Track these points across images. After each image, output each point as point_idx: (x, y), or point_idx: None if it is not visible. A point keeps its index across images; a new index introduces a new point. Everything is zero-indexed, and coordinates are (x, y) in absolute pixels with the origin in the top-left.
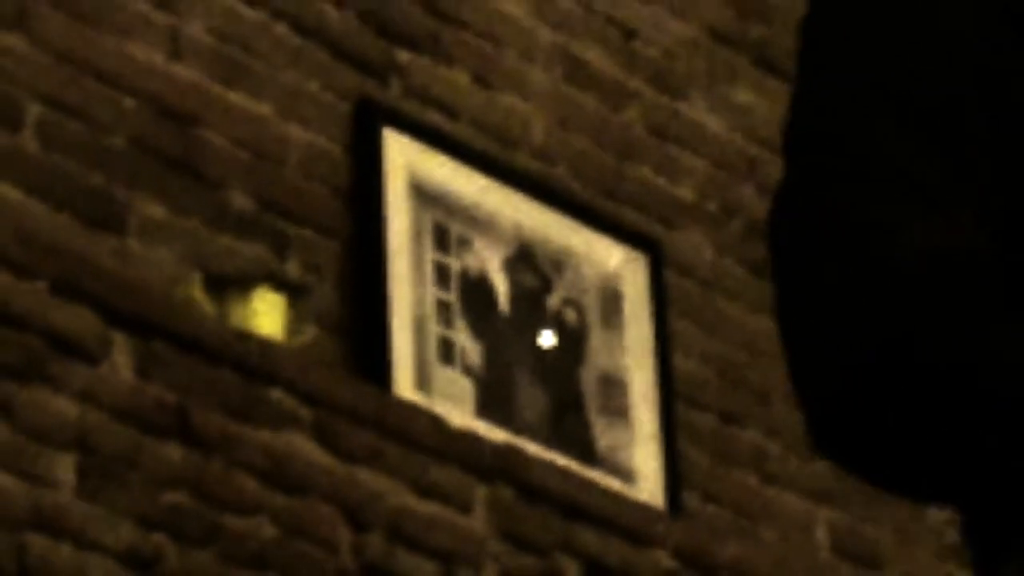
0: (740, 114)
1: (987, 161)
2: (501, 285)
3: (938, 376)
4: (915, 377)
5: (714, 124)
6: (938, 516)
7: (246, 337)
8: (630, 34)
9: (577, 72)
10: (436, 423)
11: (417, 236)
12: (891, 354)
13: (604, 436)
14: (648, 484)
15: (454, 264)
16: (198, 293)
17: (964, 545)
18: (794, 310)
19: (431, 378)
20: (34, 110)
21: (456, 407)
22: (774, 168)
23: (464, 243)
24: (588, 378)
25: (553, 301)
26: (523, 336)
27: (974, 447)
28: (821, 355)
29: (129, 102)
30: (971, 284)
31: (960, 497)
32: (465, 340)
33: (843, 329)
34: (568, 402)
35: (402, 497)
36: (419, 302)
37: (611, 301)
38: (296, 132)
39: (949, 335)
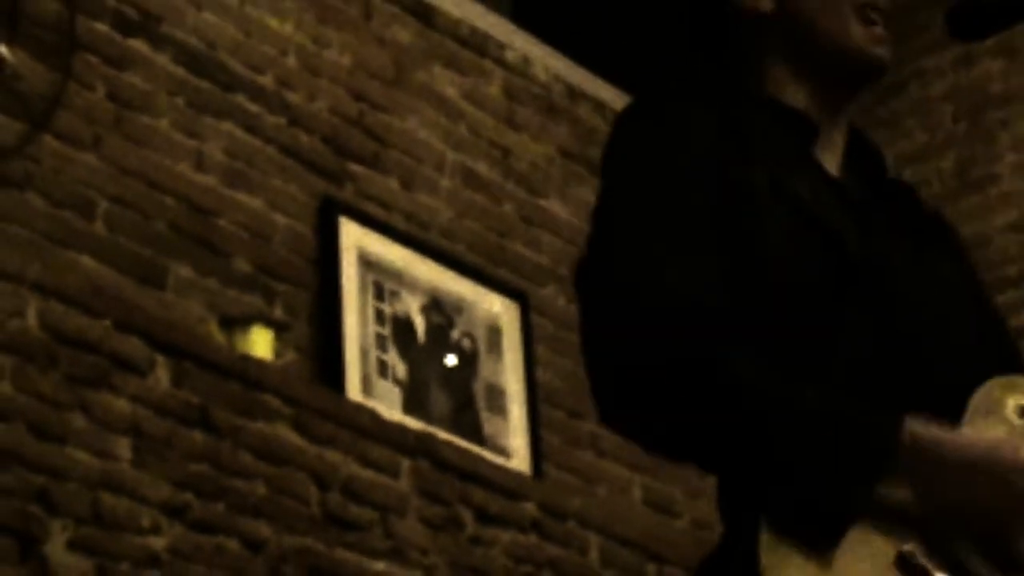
0: (581, 206)
1: (715, 238)
2: (419, 324)
3: (687, 381)
4: (669, 380)
5: (564, 213)
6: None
7: (247, 359)
8: (506, 153)
9: (471, 179)
10: (375, 417)
11: (363, 290)
12: (650, 370)
13: (489, 426)
14: (519, 458)
15: (387, 309)
16: (215, 329)
17: (718, 494)
18: (588, 337)
19: (372, 386)
20: (103, 205)
21: (389, 406)
22: None
23: (394, 295)
24: (479, 387)
25: (455, 334)
26: (434, 358)
27: (712, 433)
28: (608, 369)
29: (168, 200)
30: (701, 319)
31: (699, 463)
32: (395, 361)
33: (621, 348)
34: (465, 403)
35: (352, 468)
36: (364, 335)
37: (495, 335)
38: (281, 219)
39: (687, 354)
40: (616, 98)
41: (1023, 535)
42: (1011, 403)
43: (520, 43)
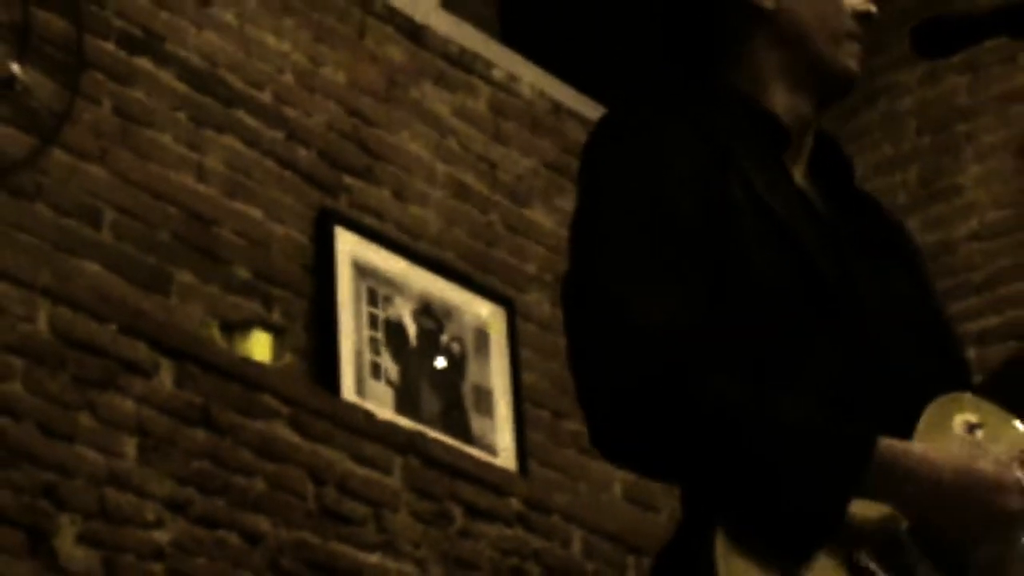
0: (564, 216)
1: (696, 255)
2: (411, 328)
3: (664, 403)
4: (650, 408)
5: (548, 223)
6: None
7: (246, 361)
8: (493, 165)
9: (460, 190)
10: (369, 416)
11: (357, 296)
12: (632, 395)
13: (477, 425)
14: (506, 456)
15: (380, 314)
16: (216, 333)
17: (682, 504)
18: (574, 358)
19: (366, 387)
20: (110, 215)
21: (382, 406)
22: None
23: (387, 300)
24: (467, 388)
25: (445, 338)
26: (425, 361)
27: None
28: (594, 393)
29: (171, 209)
30: (679, 342)
31: (674, 478)
32: (388, 363)
33: (604, 373)
34: (454, 403)
35: (347, 464)
36: (358, 339)
37: (482, 338)
38: (279, 229)
39: (668, 379)
40: (598, 113)
41: (979, 546)
42: (959, 419)
43: (506, 61)
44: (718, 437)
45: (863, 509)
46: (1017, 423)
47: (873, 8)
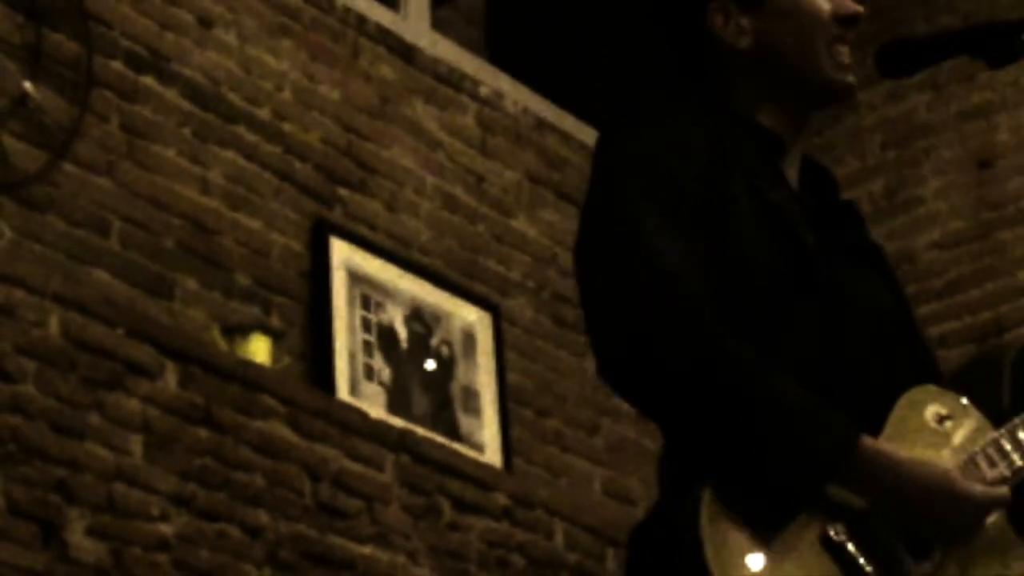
0: (547, 226)
1: (699, 227)
2: (402, 332)
3: (667, 354)
4: (652, 351)
5: (532, 232)
6: None
7: (247, 363)
8: (480, 178)
9: (448, 202)
10: (362, 415)
11: (351, 302)
12: (647, 336)
13: (465, 423)
14: (492, 452)
15: (373, 319)
16: (217, 336)
17: (661, 468)
18: (590, 306)
19: (359, 388)
20: (117, 224)
21: (375, 406)
22: (568, 261)
23: (379, 306)
24: (456, 389)
25: (434, 341)
26: (416, 363)
27: (681, 401)
28: (609, 328)
29: (175, 220)
30: (695, 288)
31: (665, 424)
32: (380, 365)
33: (615, 317)
34: (443, 403)
35: (341, 461)
36: (352, 342)
37: (470, 342)
38: (277, 238)
39: (674, 328)
40: (579, 129)
41: (948, 539)
42: (930, 410)
43: (493, 79)
44: (722, 393)
45: (840, 488)
46: (981, 416)
47: (861, 9)
